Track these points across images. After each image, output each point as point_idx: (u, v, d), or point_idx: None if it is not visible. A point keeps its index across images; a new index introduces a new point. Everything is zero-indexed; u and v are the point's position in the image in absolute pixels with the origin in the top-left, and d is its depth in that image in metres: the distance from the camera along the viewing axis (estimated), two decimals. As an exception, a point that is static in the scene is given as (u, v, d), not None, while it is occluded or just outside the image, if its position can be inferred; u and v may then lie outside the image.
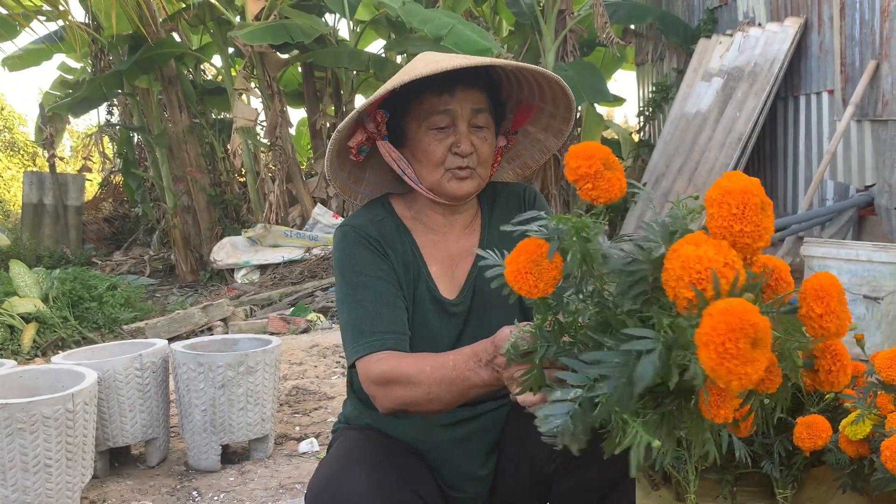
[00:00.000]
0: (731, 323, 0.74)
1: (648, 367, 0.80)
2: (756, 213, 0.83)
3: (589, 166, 0.94)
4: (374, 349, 1.35)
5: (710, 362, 0.74)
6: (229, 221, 8.41)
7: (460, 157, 1.44)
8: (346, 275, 1.44)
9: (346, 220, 1.54)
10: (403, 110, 1.48)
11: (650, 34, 8.49)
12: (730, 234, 0.83)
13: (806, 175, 6.20)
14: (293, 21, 7.23)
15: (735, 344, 0.73)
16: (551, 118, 1.55)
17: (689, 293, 0.79)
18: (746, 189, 0.83)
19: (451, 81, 1.42)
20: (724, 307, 0.75)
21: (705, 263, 0.79)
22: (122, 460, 2.81)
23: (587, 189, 0.94)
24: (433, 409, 1.28)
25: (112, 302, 5.53)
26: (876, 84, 5.16)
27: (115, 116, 9.66)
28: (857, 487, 1.68)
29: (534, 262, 0.95)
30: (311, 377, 3.93)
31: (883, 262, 3.28)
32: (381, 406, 1.34)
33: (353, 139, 1.51)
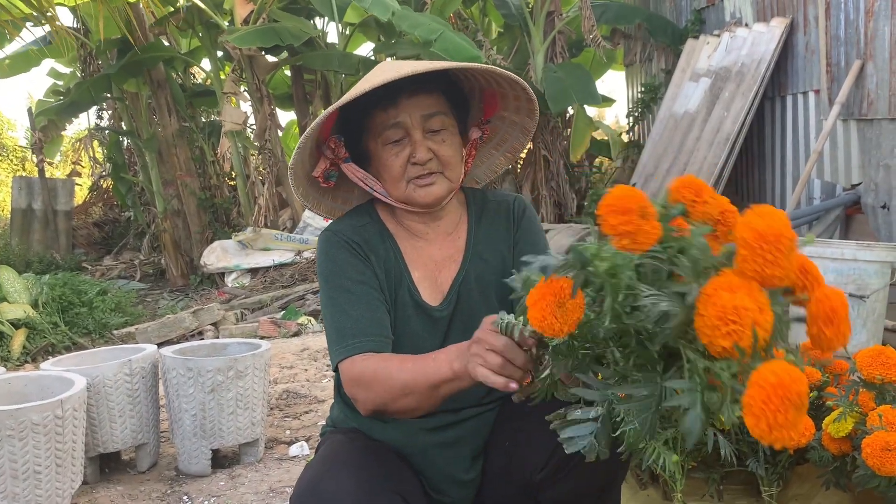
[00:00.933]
0: (782, 397, 0.76)
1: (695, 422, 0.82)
2: (787, 256, 0.83)
3: (628, 223, 0.90)
4: (355, 351, 1.37)
5: (760, 431, 0.77)
6: (219, 225, 8.40)
7: (419, 167, 1.44)
8: (328, 279, 1.46)
9: (329, 224, 1.55)
10: (360, 130, 1.49)
11: (638, 35, 8.53)
12: (760, 277, 0.83)
13: (793, 174, 6.24)
14: (282, 24, 7.23)
15: (785, 416, 0.76)
16: (517, 100, 1.55)
17: (726, 343, 0.80)
18: (780, 234, 0.83)
19: (393, 93, 1.42)
20: (774, 380, 0.76)
21: (742, 313, 0.80)
22: (113, 466, 2.80)
23: (626, 244, 0.90)
24: (409, 405, 1.30)
25: (102, 307, 5.51)
26: (861, 83, 5.20)
27: (104, 121, 9.63)
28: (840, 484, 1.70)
29: (558, 305, 0.93)
30: (301, 381, 3.93)
31: (868, 260, 3.31)
32: (362, 407, 1.36)
33: (317, 169, 1.52)
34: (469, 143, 1.57)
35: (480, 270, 1.52)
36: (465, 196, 1.61)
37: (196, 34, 8.16)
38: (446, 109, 1.48)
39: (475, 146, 1.58)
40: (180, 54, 8.46)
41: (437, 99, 1.46)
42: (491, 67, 1.46)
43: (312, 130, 1.44)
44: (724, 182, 6.19)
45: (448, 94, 1.49)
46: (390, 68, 1.41)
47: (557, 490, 1.41)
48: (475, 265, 1.52)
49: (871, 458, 1.42)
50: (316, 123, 1.44)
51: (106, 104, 9.09)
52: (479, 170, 1.69)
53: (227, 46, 7.36)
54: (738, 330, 0.79)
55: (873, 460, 1.42)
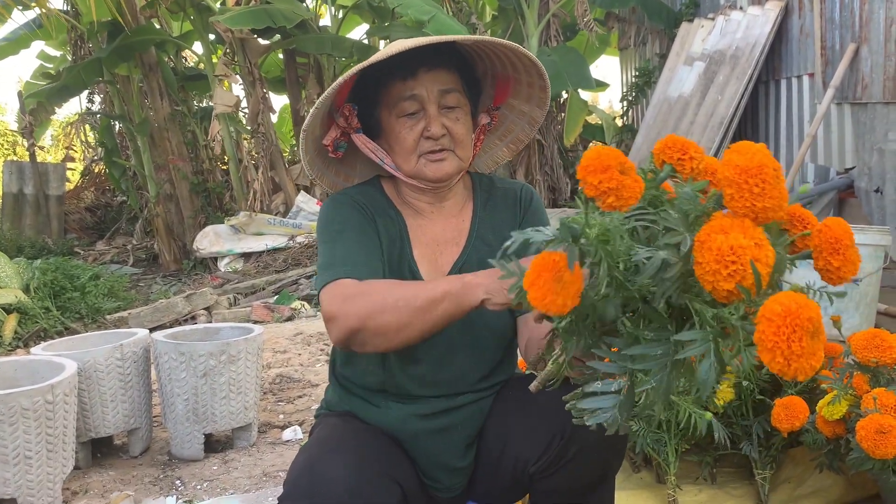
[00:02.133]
0: (793, 325, 0.74)
1: (710, 370, 0.80)
2: (774, 185, 0.81)
3: (610, 179, 0.88)
4: (344, 276, 1.33)
5: (778, 365, 0.75)
6: (212, 209, 8.37)
7: (433, 141, 1.43)
8: (326, 227, 1.44)
9: (338, 190, 1.54)
10: (374, 101, 1.47)
11: (633, 18, 8.49)
12: (752, 213, 0.81)
13: (787, 158, 6.24)
14: (274, 6, 7.16)
15: (800, 344, 0.74)
16: (530, 88, 1.54)
17: (728, 285, 0.78)
18: (762, 163, 0.81)
19: (413, 65, 1.41)
20: (781, 310, 0.75)
21: (739, 252, 0.78)
22: (105, 451, 2.79)
23: (611, 202, 0.88)
24: (393, 321, 1.23)
25: (95, 292, 5.48)
26: (856, 67, 5.19)
27: (95, 104, 9.55)
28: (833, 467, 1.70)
29: (555, 280, 0.88)
30: (295, 365, 3.93)
31: (862, 244, 3.30)
32: (340, 324, 1.27)
33: (328, 137, 1.51)
34: (478, 129, 1.55)
35: (483, 254, 1.50)
36: (471, 180, 1.59)
37: (188, 17, 8.08)
38: (461, 88, 1.47)
39: (484, 132, 1.57)
40: (172, 37, 8.38)
41: (454, 76, 1.45)
42: (513, 45, 1.44)
43: (330, 93, 1.42)
44: (719, 166, 6.18)
45: (463, 75, 1.48)
46: (412, 39, 1.40)
47: (552, 482, 1.40)
48: (478, 249, 1.51)
49: (866, 441, 1.42)
50: (334, 87, 1.42)
51: (97, 88, 9.01)
52: (482, 160, 1.67)
53: (218, 29, 7.29)
54: (738, 269, 0.78)
55: (867, 443, 1.42)
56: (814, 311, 0.74)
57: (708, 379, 0.80)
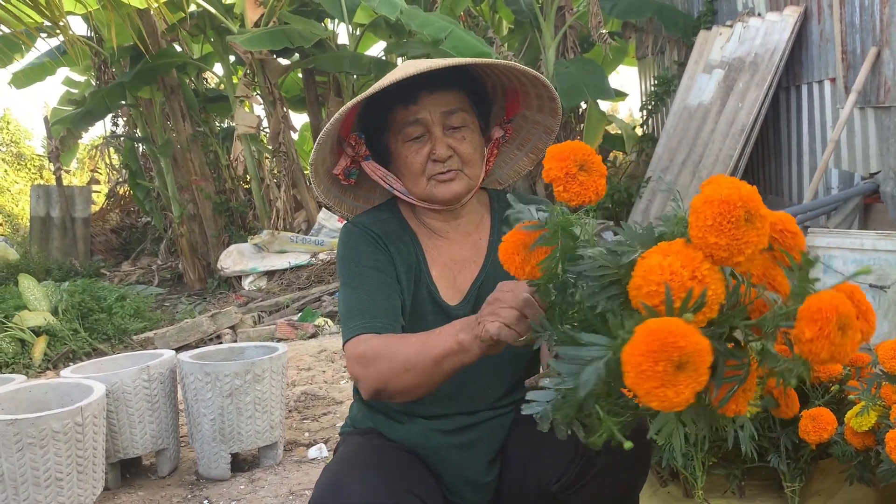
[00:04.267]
0: (652, 345, 0.72)
1: (592, 374, 0.80)
2: (736, 226, 0.77)
3: (560, 168, 0.92)
4: (362, 331, 1.36)
5: (630, 381, 0.73)
6: (235, 229, 8.45)
7: (440, 163, 1.44)
8: (345, 266, 1.47)
9: (352, 218, 1.55)
10: (381, 127, 1.49)
11: (650, 28, 8.47)
12: (705, 246, 0.78)
13: (810, 164, 6.17)
14: (292, 26, 7.25)
15: (653, 366, 0.72)
16: (539, 99, 1.54)
17: (646, 301, 0.77)
18: (728, 199, 0.77)
19: (414, 90, 1.42)
20: (652, 327, 0.73)
21: (665, 276, 0.76)
22: (134, 471, 2.82)
23: (559, 192, 0.93)
24: (409, 382, 1.26)
25: (121, 313, 5.56)
26: (878, 71, 5.13)
27: (119, 127, 9.71)
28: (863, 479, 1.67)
29: (523, 245, 0.96)
30: (319, 382, 3.94)
31: (888, 250, 3.27)
32: (363, 387, 1.33)
33: (338, 167, 1.53)
34: (491, 143, 1.56)
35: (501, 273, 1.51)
36: (488, 197, 1.60)
37: (208, 39, 8.20)
38: (467, 107, 1.47)
39: (497, 145, 1.57)
40: (193, 60, 8.50)
41: (458, 96, 1.46)
42: (510, 63, 1.45)
43: (332, 126, 1.44)
44: (741, 174, 6.14)
45: (469, 92, 1.48)
46: (411, 66, 1.41)
47: (575, 500, 1.40)
48: (496, 267, 1.51)
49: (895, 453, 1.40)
50: (335, 119, 1.44)
51: (121, 111, 9.15)
52: (503, 171, 1.68)
53: (237, 50, 7.39)
54: (656, 292, 0.76)
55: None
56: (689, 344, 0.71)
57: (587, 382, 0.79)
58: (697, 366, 0.72)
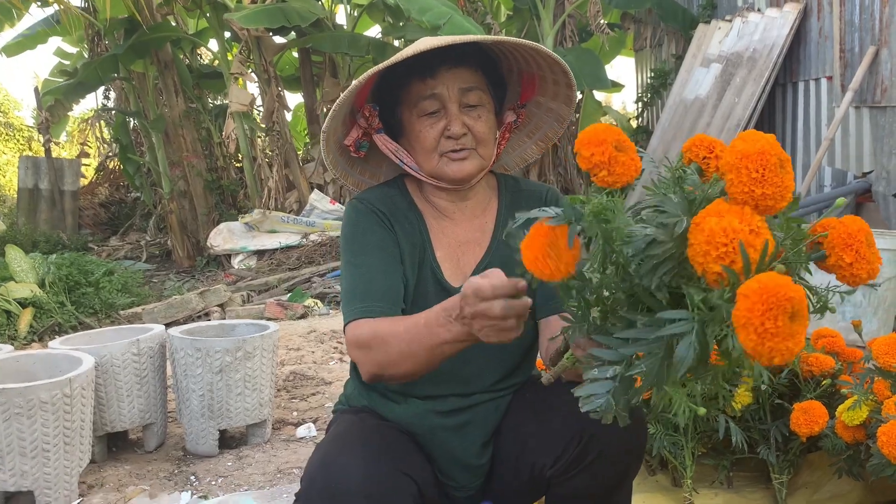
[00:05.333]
0: (768, 302, 0.72)
1: (688, 349, 0.80)
2: (776, 173, 0.80)
3: (602, 153, 0.91)
4: (361, 315, 1.37)
5: (751, 343, 0.73)
6: (226, 207, 8.40)
7: (453, 140, 1.43)
8: (348, 243, 1.46)
9: (357, 194, 1.55)
10: (395, 100, 1.47)
11: (649, 20, 8.45)
12: (752, 199, 0.80)
13: (804, 161, 6.19)
14: (290, 4, 7.18)
15: (774, 323, 0.72)
16: (555, 85, 1.53)
17: (717, 268, 0.77)
18: (764, 150, 0.80)
19: (434, 64, 1.40)
20: (757, 286, 0.73)
21: (731, 235, 0.77)
22: (120, 445, 2.81)
23: (603, 176, 0.91)
24: (409, 369, 1.28)
25: (109, 287, 5.52)
26: (875, 70, 5.14)
27: (111, 101, 9.61)
28: (853, 472, 1.69)
29: (550, 246, 0.92)
30: (308, 363, 3.93)
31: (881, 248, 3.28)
32: (363, 371, 1.35)
33: (349, 137, 1.51)
34: (503, 126, 1.55)
35: (506, 257, 1.50)
36: (496, 181, 1.59)
37: (203, 14, 8.12)
38: (484, 87, 1.46)
39: (509, 129, 1.56)
40: (188, 35, 8.42)
41: (476, 75, 1.45)
42: (535, 45, 1.44)
43: (348, 95, 1.43)
44: (734, 169, 6.15)
45: (487, 73, 1.47)
46: (433, 40, 1.40)
47: (569, 485, 1.40)
48: (501, 251, 1.51)
49: (888, 447, 1.41)
50: (352, 88, 1.43)
51: (113, 84, 9.06)
52: (510, 157, 1.67)
53: (234, 27, 7.32)
54: (727, 252, 0.76)
55: (889, 449, 1.40)
56: (795, 292, 0.72)
57: (686, 358, 0.79)
58: (804, 311, 0.74)
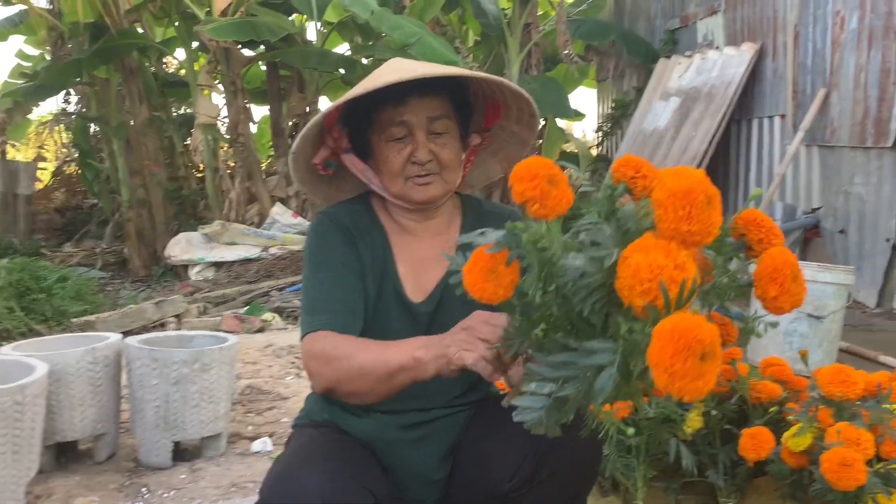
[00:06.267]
0: (679, 344, 0.75)
1: (608, 380, 0.83)
2: (703, 210, 0.83)
3: (534, 188, 0.94)
4: (322, 327, 1.39)
5: (662, 382, 0.76)
6: (185, 217, 8.30)
7: (419, 166, 1.47)
8: (312, 256, 1.49)
9: (324, 208, 1.58)
10: (365, 123, 1.51)
11: (612, 52, 8.65)
12: (678, 235, 0.83)
13: (757, 196, 6.39)
14: (260, 18, 7.19)
15: (683, 364, 0.75)
16: (519, 112, 1.58)
17: (641, 302, 0.81)
18: (691, 188, 0.83)
19: (404, 93, 1.44)
20: (670, 328, 0.76)
21: (655, 272, 0.80)
22: (70, 455, 2.75)
23: (536, 209, 0.94)
24: (361, 388, 1.31)
25: (61, 294, 5.40)
26: (825, 111, 5.35)
27: (71, 105, 9.46)
28: (796, 497, 1.75)
29: (490, 270, 0.97)
30: (265, 377, 3.91)
31: (826, 282, 3.41)
32: (316, 383, 1.38)
33: (318, 156, 1.55)
34: (468, 149, 1.59)
35: None
36: (460, 201, 1.62)
37: (172, 23, 8.07)
38: (450, 113, 1.50)
39: (474, 152, 1.60)
40: (155, 43, 8.35)
41: (443, 102, 1.49)
42: (501, 80, 1.49)
43: (318, 119, 1.46)
44: (690, 200, 6.31)
45: (454, 99, 1.51)
46: (403, 67, 1.44)
47: (526, 501, 1.43)
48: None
49: (829, 473, 1.47)
50: (324, 113, 1.46)
51: (75, 89, 8.92)
52: (474, 174, 1.70)
53: (202, 38, 7.29)
54: (650, 288, 0.80)
55: (831, 475, 1.47)
56: (706, 334, 0.75)
57: (605, 388, 0.83)
58: (716, 352, 0.77)
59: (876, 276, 4.88)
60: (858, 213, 5.06)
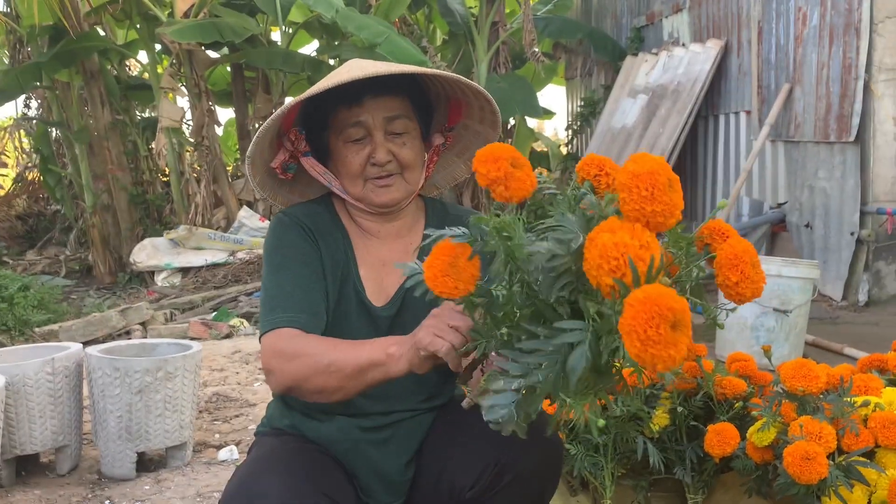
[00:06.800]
0: (651, 311, 0.76)
1: (580, 358, 0.83)
2: (665, 192, 0.85)
3: (498, 169, 0.95)
4: (285, 325, 1.35)
5: (635, 350, 0.77)
6: (151, 222, 8.18)
7: (378, 167, 1.44)
8: (270, 256, 1.45)
9: (284, 208, 1.54)
10: (322, 125, 1.48)
11: (580, 50, 8.69)
12: (643, 216, 0.85)
13: (723, 191, 6.45)
14: (224, 20, 7.10)
15: (656, 330, 0.76)
16: (481, 111, 1.56)
17: (609, 280, 0.82)
18: (653, 170, 0.86)
19: (360, 92, 1.41)
20: (642, 296, 0.77)
21: (621, 249, 0.81)
22: (30, 469, 2.69)
23: (500, 192, 0.96)
24: (327, 384, 1.27)
25: (24, 303, 5.29)
26: (789, 106, 5.42)
27: (31, 110, 9.27)
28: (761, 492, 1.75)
29: (450, 265, 0.98)
30: (232, 384, 3.86)
31: (792, 276, 3.44)
32: (275, 382, 1.33)
33: (276, 160, 1.51)
34: (431, 149, 1.56)
35: None
36: (424, 203, 1.60)
37: (133, 25, 7.94)
38: (410, 113, 1.47)
39: (437, 152, 1.58)
40: (116, 45, 8.21)
41: (402, 102, 1.46)
42: (458, 77, 1.46)
43: (273, 121, 1.42)
44: (658, 197, 6.35)
45: (413, 99, 1.49)
46: (358, 67, 1.41)
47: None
48: None
49: (792, 467, 1.47)
50: (277, 115, 1.42)
51: (35, 93, 8.75)
52: (440, 175, 1.68)
53: (165, 40, 7.18)
54: (618, 266, 0.81)
55: (794, 468, 1.47)
56: (677, 303, 0.77)
57: (578, 366, 0.83)
58: (686, 322, 0.78)
59: (841, 269, 4.94)
60: (823, 207, 5.13)
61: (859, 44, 4.75)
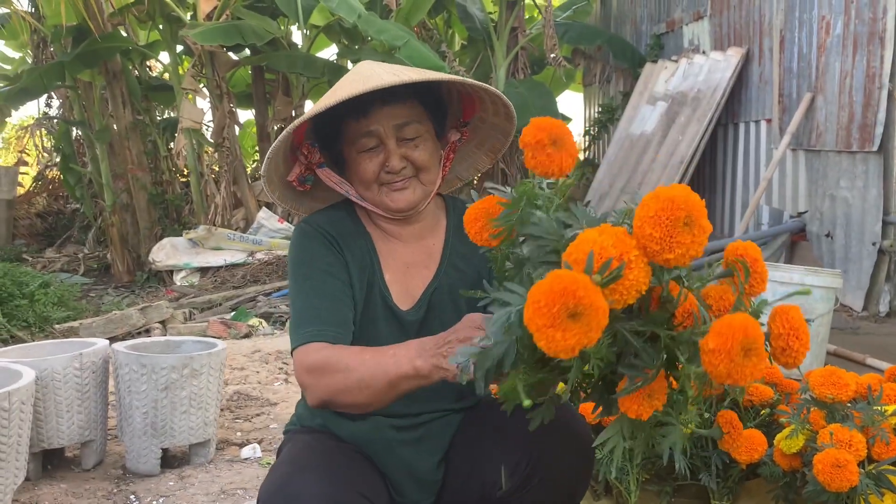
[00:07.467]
0: (554, 287, 0.76)
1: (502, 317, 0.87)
2: (674, 224, 0.81)
3: (533, 136, 0.97)
4: (312, 339, 1.36)
5: (526, 315, 0.78)
6: (169, 222, 8.24)
7: (393, 174, 1.45)
8: (297, 267, 1.46)
9: (306, 216, 1.55)
10: (335, 137, 1.49)
11: (599, 56, 8.69)
12: (641, 237, 0.82)
13: (743, 200, 6.43)
14: (246, 22, 7.16)
15: (549, 306, 0.76)
16: (494, 104, 1.55)
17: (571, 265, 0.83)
18: (673, 198, 0.82)
19: (367, 103, 1.41)
20: (556, 273, 0.77)
21: (594, 248, 0.81)
22: (56, 463, 2.72)
23: (527, 158, 0.98)
24: (361, 399, 1.28)
25: (44, 300, 5.34)
26: (811, 115, 5.40)
27: (53, 109, 9.37)
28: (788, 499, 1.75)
29: (487, 213, 1.03)
30: (253, 383, 3.88)
31: (815, 285, 3.43)
32: (311, 396, 1.34)
33: (292, 174, 1.53)
34: (447, 146, 1.57)
35: (454, 280, 1.52)
36: (444, 202, 1.61)
37: (156, 27, 8.01)
38: (421, 116, 1.47)
39: (454, 149, 1.58)
40: (138, 46, 8.29)
41: (411, 107, 1.46)
42: (461, 79, 1.46)
43: (283, 139, 1.43)
44: (677, 204, 6.34)
45: (423, 99, 1.48)
46: (360, 79, 1.40)
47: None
48: (449, 275, 1.53)
49: (822, 475, 1.47)
50: (286, 133, 1.43)
51: (57, 92, 8.84)
52: (462, 166, 1.68)
53: (188, 42, 7.25)
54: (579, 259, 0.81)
55: (824, 476, 1.47)
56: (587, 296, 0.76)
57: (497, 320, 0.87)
58: (590, 321, 0.76)
59: (862, 279, 4.92)
60: (845, 216, 5.11)
61: (883, 53, 4.73)
